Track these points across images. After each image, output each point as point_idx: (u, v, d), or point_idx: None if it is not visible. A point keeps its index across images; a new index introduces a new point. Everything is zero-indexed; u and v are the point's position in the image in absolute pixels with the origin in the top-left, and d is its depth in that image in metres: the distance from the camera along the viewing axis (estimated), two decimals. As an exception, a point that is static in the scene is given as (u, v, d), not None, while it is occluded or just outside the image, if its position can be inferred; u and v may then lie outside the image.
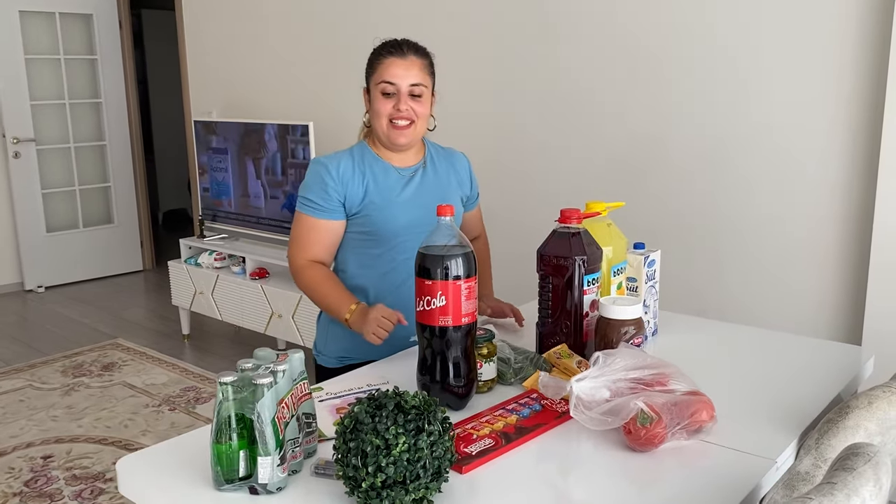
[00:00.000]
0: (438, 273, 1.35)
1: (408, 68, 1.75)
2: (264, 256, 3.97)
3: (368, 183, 1.79)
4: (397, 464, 1.03)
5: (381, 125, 1.78)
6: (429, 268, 1.36)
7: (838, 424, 1.20)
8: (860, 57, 2.46)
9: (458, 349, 1.39)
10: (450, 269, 1.35)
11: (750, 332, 1.87)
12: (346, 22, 3.99)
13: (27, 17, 5.29)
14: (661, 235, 2.96)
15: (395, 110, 1.75)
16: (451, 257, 1.36)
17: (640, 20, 2.95)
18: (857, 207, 2.53)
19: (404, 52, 1.76)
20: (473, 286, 1.39)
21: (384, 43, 1.80)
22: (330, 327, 1.88)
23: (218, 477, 1.14)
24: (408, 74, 1.75)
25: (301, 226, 1.82)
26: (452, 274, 1.35)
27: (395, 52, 1.76)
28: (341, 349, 1.87)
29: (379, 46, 1.80)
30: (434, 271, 1.36)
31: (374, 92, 1.78)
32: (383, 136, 1.79)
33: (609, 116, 3.10)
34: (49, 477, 2.84)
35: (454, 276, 1.35)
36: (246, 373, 1.15)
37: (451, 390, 1.39)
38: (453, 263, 1.35)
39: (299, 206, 1.82)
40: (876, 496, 0.91)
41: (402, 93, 1.75)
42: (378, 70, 1.76)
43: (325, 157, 1.84)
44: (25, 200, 5.40)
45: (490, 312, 1.97)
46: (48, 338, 4.50)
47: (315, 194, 1.78)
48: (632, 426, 1.23)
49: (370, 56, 1.81)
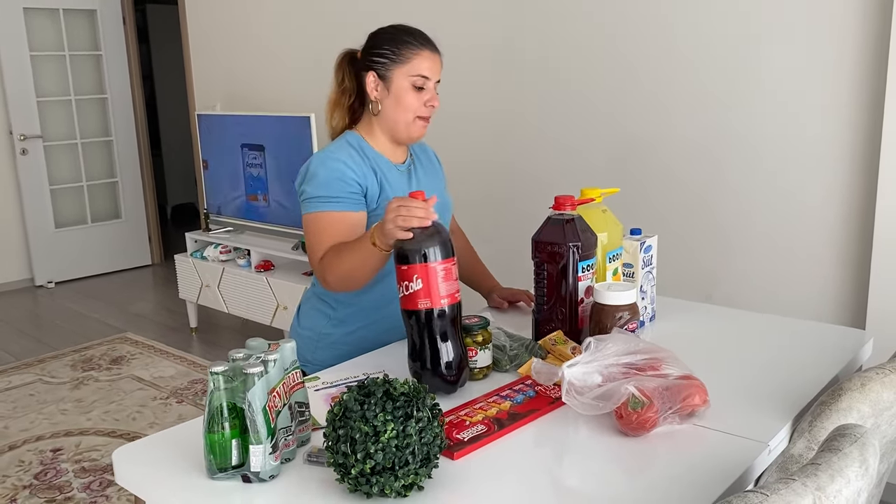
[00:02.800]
0: (414, 257, 1.37)
1: (438, 63, 1.70)
2: (269, 249, 3.99)
3: (381, 178, 1.71)
4: (386, 450, 1.03)
5: (405, 118, 1.68)
6: (406, 254, 1.38)
7: (831, 407, 1.20)
8: (861, 44, 2.44)
9: (443, 332, 1.39)
10: (425, 252, 1.37)
11: (749, 317, 1.87)
12: (347, 14, 3.99)
13: (32, 14, 5.31)
14: (666, 221, 2.95)
15: (428, 107, 1.69)
16: (424, 240, 1.37)
17: (644, 4, 2.94)
18: (859, 189, 2.52)
19: (434, 45, 1.70)
20: (451, 267, 1.39)
21: (404, 29, 1.70)
22: (319, 333, 1.79)
23: (211, 466, 1.15)
24: (437, 69, 1.70)
25: (320, 223, 1.64)
26: (429, 257, 1.36)
27: (426, 44, 1.69)
28: (333, 356, 1.74)
29: (399, 31, 1.69)
30: (410, 256, 1.37)
31: (401, 81, 1.67)
32: (402, 129, 1.70)
33: (612, 102, 3.08)
34: (58, 469, 2.87)
35: (430, 258, 1.37)
36: (237, 362, 1.16)
37: (441, 376, 1.39)
38: (427, 246, 1.37)
39: (316, 206, 1.65)
40: (862, 477, 0.91)
41: (432, 88, 1.69)
42: (413, 61, 1.66)
43: (330, 150, 1.70)
44: (34, 197, 5.44)
45: (507, 305, 1.95)
46: (58, 333, 4.54)
47: (334, 188, 1.64)
48: (623, 411, 1.23)
49: (388, 39, 1.68)
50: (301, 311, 1.87)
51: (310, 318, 1.83)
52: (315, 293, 1.84)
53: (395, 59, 1.67)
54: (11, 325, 4.69)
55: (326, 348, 1.78)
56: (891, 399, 1.20)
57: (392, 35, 1.69)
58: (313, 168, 1.68)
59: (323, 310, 1.80)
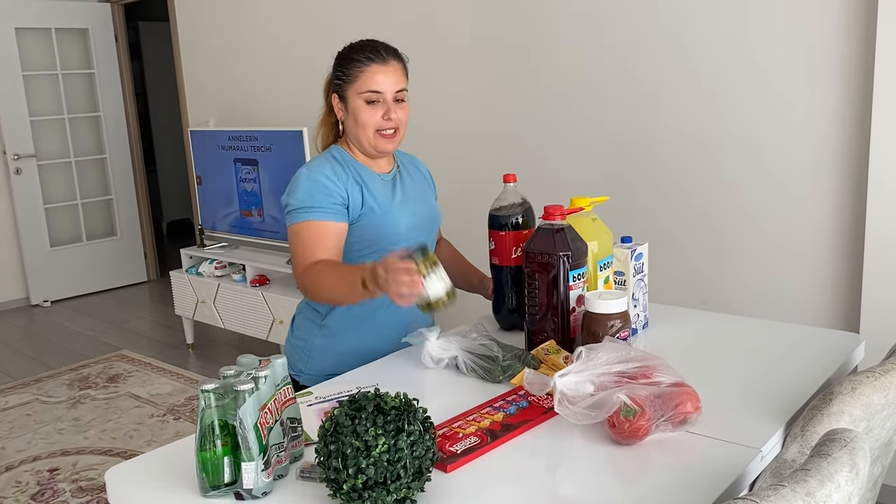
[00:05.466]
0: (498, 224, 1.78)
1: (390, 74, 1.70)
2: (264, 263, 3.99)
3: (363, 189, 1.74)
4: (377, 465, 1.03)
5: (366, 135, 1.72)
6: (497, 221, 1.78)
7: (823, 411, 1.20)
8: (847, 48, 2.45)
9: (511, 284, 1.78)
10: (506, 222, 1.79)
11: (741, 322, 1.87)
12: (337, 30, 4.00)
13: (24, 34, 5.33)
14: (660, 229, 2.96)
15: (384, 120, 1.71)
16: (512, 214, 1.78)
17: (636, 9, 2.95)
18: (850, 195, 2.52)
19: (384, 57, 1.71)
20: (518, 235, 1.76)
21: (357, 46, 1.73)
22: (311, 343, 1.80)
23: (203, 484, 1.14)
24: (392, 81, 1.70)
25: (304, 233, 1.67)
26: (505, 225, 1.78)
27: (375, 57, 1.70)
28: (326, 366, 1.76)
29: (351, 50, 1.73)
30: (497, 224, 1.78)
31: (354, 101, 1.71)
32: (368, 145, 1.73)
33: (603, 110, 3.09)
34: (55, 489, 2.86)
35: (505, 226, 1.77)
36: (228, 379, 1.16)
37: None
38: (511, 218, 1.78)
39: (298, 216, 1.68)
40: (852, 481, 0.91)
41: (388, 101, 1.70)
42: (361, 79, 1.69)
43: (313, 164, 1.74)
44: (28, 216, 5.44)
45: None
46: (54, 351, 4.53)
47: (317, 199, 1.67)
48: (616, 419, 1.23)
49: (341, 60, 1.73)
50: (294, 322, 1.89)
51: (302, 328, 1.85)
52: (307, 304, 1.85)
53: (346, 79, 1.72)
54: (7, 345, 4.68)
55: (318, 358, 1.80)
56: (882, 402, 1.20)
57: (345, 55, 1.74)
58: (299, 178, 1.72)
59: (314, 319, 1.82)
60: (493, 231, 1.80)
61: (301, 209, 1.69)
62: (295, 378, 1.82)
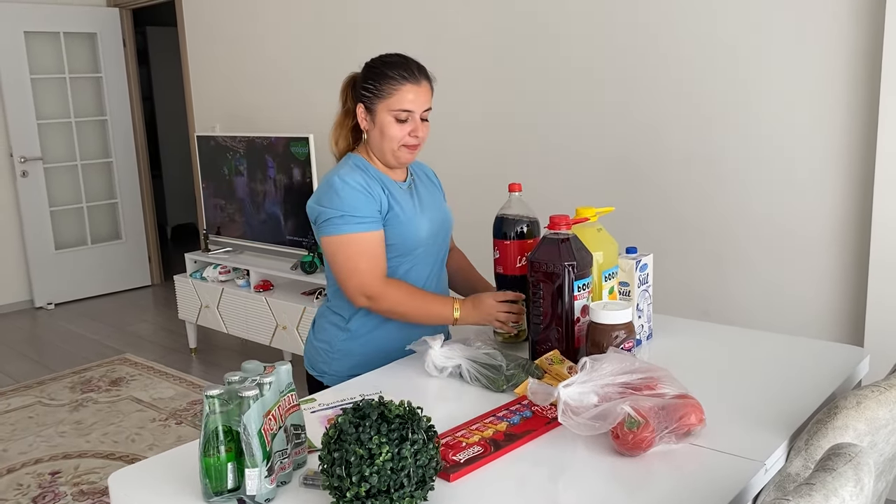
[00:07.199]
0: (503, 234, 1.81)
1: (422, 94, 1.73)
2: (268, 269, 3.99)
3: (389, 196, 1.77)
4: (381, 473, 1.03)
5: (390, 147, 1.74)
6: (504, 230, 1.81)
7: (827, 425, 1.19)
8: (854, 57, 2.45)
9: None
10: (511, 231, 1.81)
11: (745, 334, 1.87)
12: (345, 36, 4.02)
13: (32, 38, 5.35)
14: (663, 239, 2.96)
15: (411, 137, 1.73)
16: (517, 223, 1.81)
17: (635, 22, 2.96)
18: (855, 206, 2.52)
19: (417, 77, 1.73)
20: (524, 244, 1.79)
21: (390, 62, 1.74)
22: (335, 346, 1.84)
23: (207, 490, 1.14)
24: (423, 101, 1.73)
25: (357, 245, 1.70)
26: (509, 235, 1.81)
27: (409, 77, 1.71)
28: (349, 367, 1.80)
29: (384, 65, 1.73)
30: (501, 233, 1.82)
31: (384, 116, 1.72)
32: (392, 156, 1.76)
33: (606, 120, 3.10)
34: (56, 493, 2.86)
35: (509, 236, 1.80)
36: (232, 385, 1.16)
37: None
38: (516, 227, 1.81)
39: (341, 226, 1.70)
40: (857, 496, 0.91)
41: (417, 119, 1.73)
42: (394, 97, 1.70)
43: (343, 171, 1.74)
44: (34, 218, 5.46)
45: None
46: (57, 354, 4.53)
47: (360, 208, 1.70)
48: (619, 430, 1.23)
49: (373, 74, 1.73)
50: (316, 326, 1.93)
51: (325, 331, 1.89)
52: (329, 308, 1.89)
53: (378, 94, 1.72)
54: (11, 347, 4.69)
55: (341, 359, 1.84)
56: (887, 417, 1.20)
57: (378, 70, 1.74)
58: (331, 188, 1.72)
59: (338, 323, 1.86)
60: (497, 240, 1.81)
61: (344, 218, 1.70)
62: (318, 379, 1.87)
